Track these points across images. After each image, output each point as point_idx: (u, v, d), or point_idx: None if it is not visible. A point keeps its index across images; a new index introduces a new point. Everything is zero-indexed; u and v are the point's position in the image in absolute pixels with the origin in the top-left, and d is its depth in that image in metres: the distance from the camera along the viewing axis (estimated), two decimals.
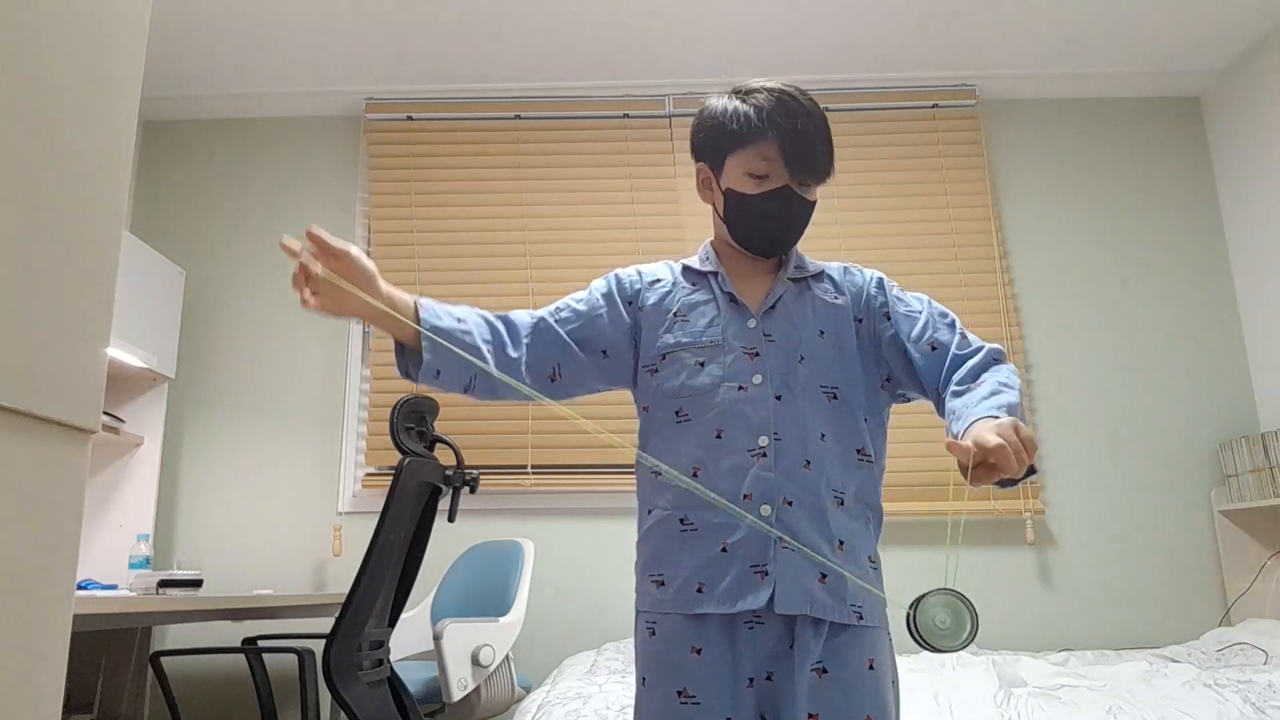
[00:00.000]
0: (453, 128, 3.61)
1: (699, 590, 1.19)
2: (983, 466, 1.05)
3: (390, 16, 3.21)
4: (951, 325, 1.29)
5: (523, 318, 1.30)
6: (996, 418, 1.09)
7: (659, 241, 3.46)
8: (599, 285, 1.37)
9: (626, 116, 3.61)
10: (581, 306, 1.33)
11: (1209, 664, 2.56)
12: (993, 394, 1.15)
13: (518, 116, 3.61)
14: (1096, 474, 3.31)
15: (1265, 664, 2.47)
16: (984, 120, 3.62)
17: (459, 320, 1.22)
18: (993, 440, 1.03)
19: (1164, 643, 3.07)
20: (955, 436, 1.13)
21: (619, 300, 1.34)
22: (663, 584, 1.22)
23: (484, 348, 1.22)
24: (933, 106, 3.60)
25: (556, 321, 1.31)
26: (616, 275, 1.38)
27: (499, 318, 1.28)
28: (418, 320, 1.18)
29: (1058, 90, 3.63)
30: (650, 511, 1.27)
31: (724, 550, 1.19)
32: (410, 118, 3.61)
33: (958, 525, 1.14)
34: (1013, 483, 1.09)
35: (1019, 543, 3.25)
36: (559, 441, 3.31)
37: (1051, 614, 3.19)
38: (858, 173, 3.52)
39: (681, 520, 1.22)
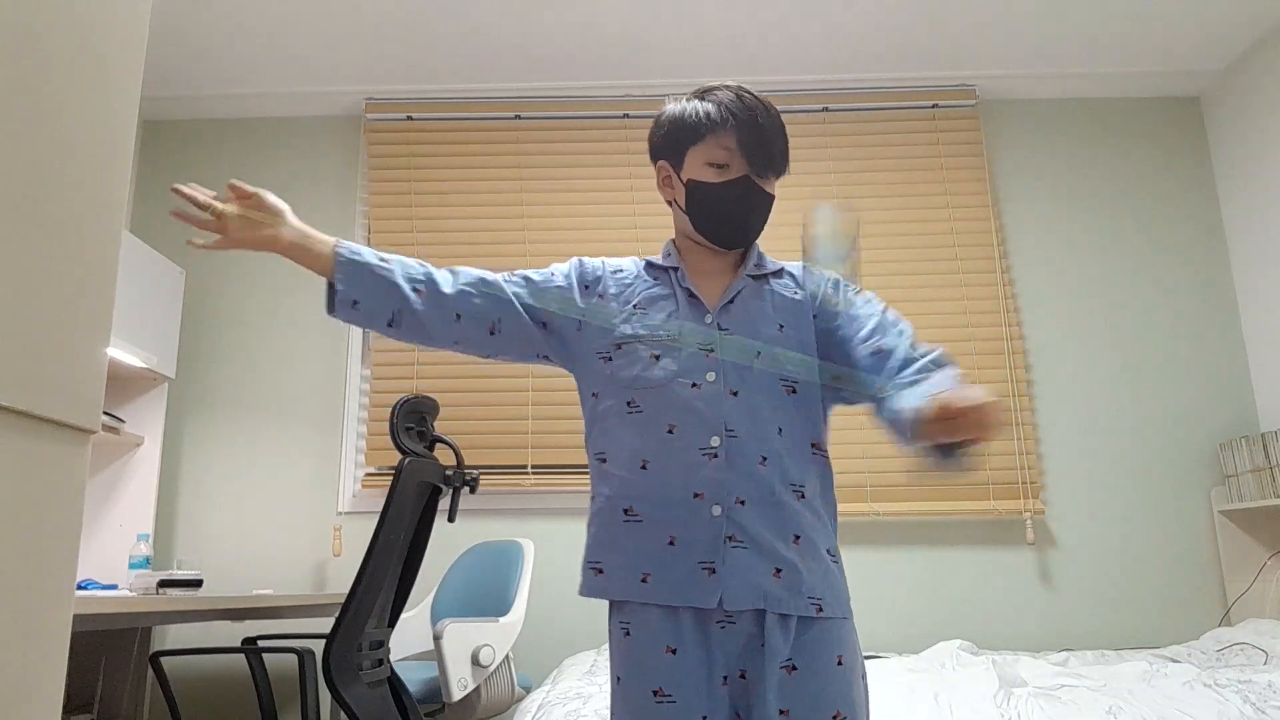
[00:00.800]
0: (453, 128, 3.61)
1: (643, 580, 1.20)
2: (949, 422, 1.03)
3: (390, 16, 3.21)
4: (901, 334, 1.27)
5: (473, 270, 1.33)
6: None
7: (659, 241, 3.44)
8: (559, 266, 1.39)
9: (626, 116, 3.61)
10: (536, 277, 1.36)
11: (1209, 664, 2.56)
12: (956, 380, 1.16)
13: (518, 116, 3.61)
14: (1096, 474, 3.31)
15: (1265, 664, 2.47)
16: (984, 120, 3.62)
17: (383, 260, 1.26)
18: (980, 396, 1.01)
19: (1164, 643, 3.07)
20: (914, 409, 1.12)
21: (576, 283, 1.36)
22: (601, 571, 1.25)
23: (405, 285, 1.25)
24: (933, 106, 3.60)
25: (506, 281, 1.33)
26: (580, 260, 1.40)
27: (447, 269, 1.32)
28: (334, 254, 1.23)
29: (1058, 90, 3.63)
30: (594, 499, 1.29)
31: (671, 544, 1.20)
32: (410, 118, 3.61)
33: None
34: (955, 453, 1.08)
35: (1019, 543, 3.25)
36: (559, 441, 3.31)
37: (1051, 614, 3.19)
38: (858, 173, 3.52)
39: (625, 510, 1.23)
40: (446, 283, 1.29)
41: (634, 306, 1.32)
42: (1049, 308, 3.46)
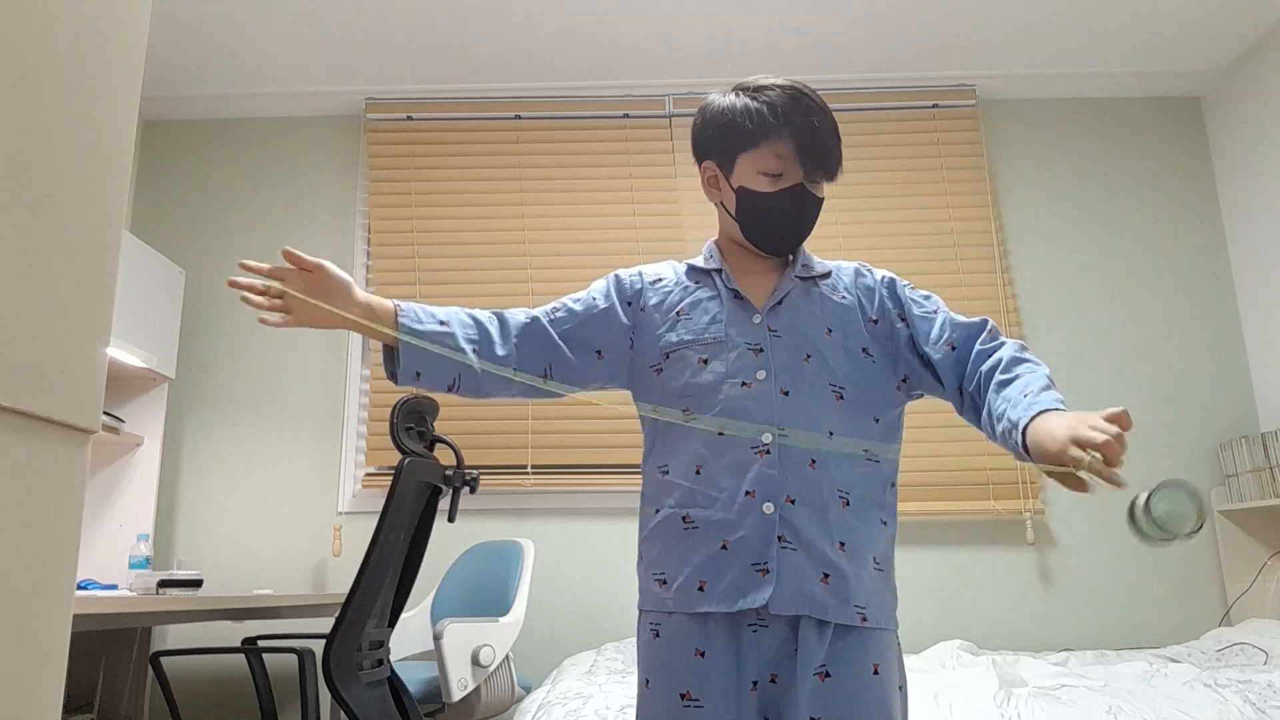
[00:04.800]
0: (453, 128, 3.61)
1: (700, 589, 1.18)
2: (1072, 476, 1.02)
3: (390, 16, 3.21)
4: (969, 323, 1.27)
5: (516, 317, 1.31)
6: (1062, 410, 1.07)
7: (659, 241, 3.46)
8: (598, 285, 1.36)
9: (626, 116, 3.61)
10: (577, 307, 1.33)
11: (1209, 664, 2.56)
12: (1045, 389, 1.12)
13: (518, 116, 3.61)
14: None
15: (1265, 664, 2.47)
16: (984, 120, 3.62)
17: (441, 322, 1.24)
18: (1098, 436, 1.00)
19: (1164, 643, 3.07)
20: (1015, 424, 1.09)
21: (617, 301, 1.33)
22: (665, 582, 1.22)
23: (468, 348, 1.24)
24: (933, 106, 3.60)
25: (550, 322, 1.31)
26: (617, 275, 1.37)
27: (492, 315, 1.29)
28: (397, 325, 1.21)
29: (1058, 90, 3.63)
30: (657, 511, 1.26)
31: (724, 548, 1.18)
32: (410, 118, 3.61)
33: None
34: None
35: (1019, 543, 3.25)
36: (559, 441, 3.31)
37: (1051, 614, 3.19)
38: (858, 173, 3.52)
39: (684, 518, 1.21)
40: (499, 339, 1.27)
41: (677, 313, 1.29)
42: (1049, 307, 3.46)
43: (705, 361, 1.24)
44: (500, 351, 1.26)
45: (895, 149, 3.56)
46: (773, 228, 1.29)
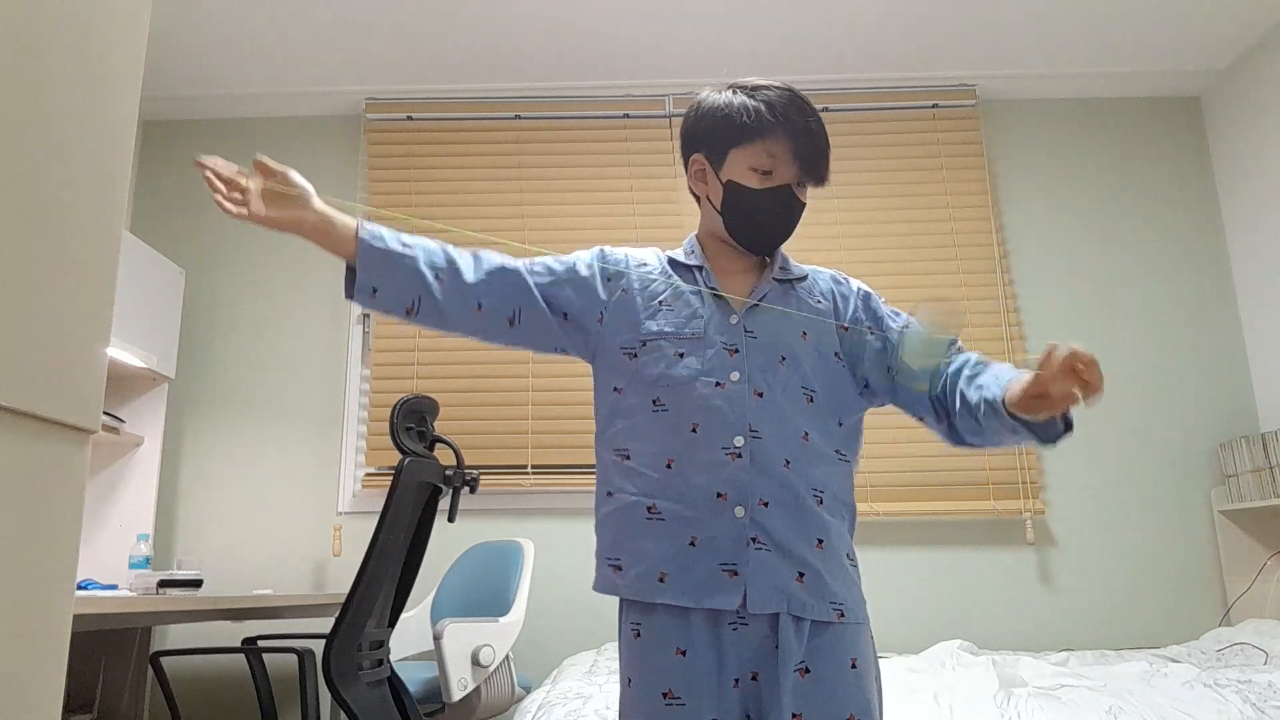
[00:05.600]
0: (453, 128, 3.61)
1: (660, 579, 1.18)
2: (1047, 396, 1.06)
3: (390, 16, 3.21)
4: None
5: (494, 256, 1.30)
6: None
7: (659, 242, 3.45)
8: (582, 254, 1.36)
9: (626, 116, 3.61)
10: (558, 267, 1.33)
11: (1209, 664, 2.56)
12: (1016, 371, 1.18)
13: (518, 116, 3.61)
14: (1096, 474, 3.31)
15: (1265, 664, 2.47)
16: (984, 120, 3.62)
17: (405, 245, 1.23)
18: (1086, 355, 1.01)
19: (1164, 643, 3.07)
20: (993, 400, 1.14)
21: (598, 274, 1.33)
22: (620, 569, 1.22)
23: (428, 273, 1.23)
24: (933, 106, 3.60)
25: (529, 272, 1.31)
26: (603, 250, 1.37)
27: (468, 252, 1.29)
28: (356, 239, 1.21)
29: (1058, 90, 3.63)
30: (611, 495, 1.26)
31: (692, 544, 1.18)
32: (410, 118, 3.61)
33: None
34: (1057, 429, 1.12)
35: (1019, 543, 3.25)
36: (559, 441, 3.31)
37: (1051, 614, 3.19)
38: (858, 173, 3.52)
39: (649, 508, 1.21)
40: (468, 270, 1.26)
41: (659, 302, 1.30)
42: (1049, 307, 3.46)
43: (681, 355, 1.25)
44: (469, 279, 1.25)
45: (895, 149, 3.56)
46: (757, 225, 1.30)
